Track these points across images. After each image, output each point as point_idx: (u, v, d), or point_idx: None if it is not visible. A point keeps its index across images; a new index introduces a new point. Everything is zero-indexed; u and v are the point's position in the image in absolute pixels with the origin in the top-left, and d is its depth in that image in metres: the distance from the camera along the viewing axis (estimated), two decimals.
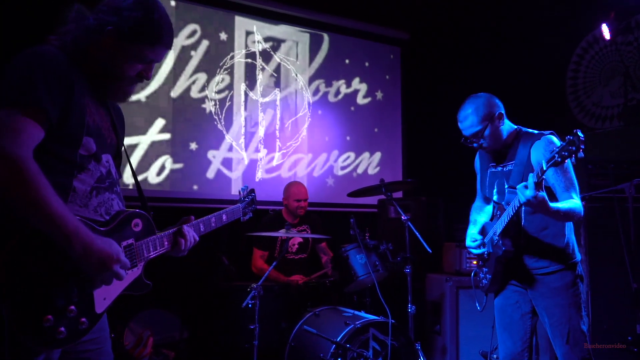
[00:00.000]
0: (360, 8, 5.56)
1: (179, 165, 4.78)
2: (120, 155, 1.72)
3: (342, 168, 5.65)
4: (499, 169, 2.59)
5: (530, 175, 2.17)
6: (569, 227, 2.50)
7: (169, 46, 1.64)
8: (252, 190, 2.31)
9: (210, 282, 4.14)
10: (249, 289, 3.32)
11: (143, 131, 4.61)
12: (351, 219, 3.60)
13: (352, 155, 5.71)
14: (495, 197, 2.60)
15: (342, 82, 5.70)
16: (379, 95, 5.93)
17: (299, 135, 5.43)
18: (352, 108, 5.76)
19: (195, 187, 4.85)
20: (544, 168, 2.10)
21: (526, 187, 2.17)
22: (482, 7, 5.31)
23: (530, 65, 5.36)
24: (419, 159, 6.01)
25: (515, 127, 2.57)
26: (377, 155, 5.86)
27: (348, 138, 5.70)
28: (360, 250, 3.59)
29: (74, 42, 1.53)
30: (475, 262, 4.11)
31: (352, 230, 3.58)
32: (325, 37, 5.64)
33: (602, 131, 4.87)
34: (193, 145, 4.85)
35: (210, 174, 4.93)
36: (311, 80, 5.55)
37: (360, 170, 5.75)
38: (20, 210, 1.33)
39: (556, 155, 2.04)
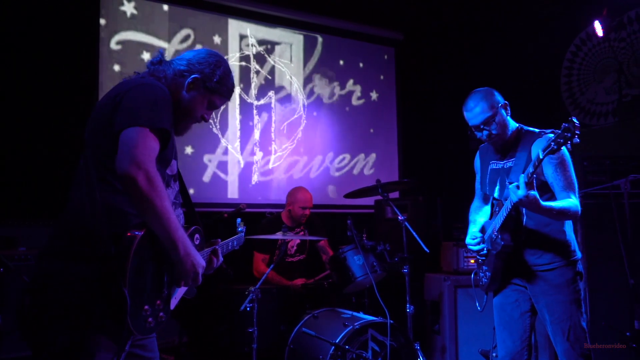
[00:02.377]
0: (353, 9, 5.56)
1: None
2: None
3: (338, 169, 5.65)
4: (500, 165, 2.60)
5: (521, 175, 2.19)
6: (569, 224, 2.51)
7: (230, 99, 2.04)
8: (243, 223, 2.56)
9: (207, 286, 4.12)
10: (246, 292, 3.31)
11: None
12: (348, 220, 3.59)
13: (347, 156, 5.71)
14: (496, 194, 2.59)
15: (336, 83, 5.70)
16: (374, 95, 5.93)
17: (294, 137, 5.43)
18: (347, 109, 5.76)
19: (191, 191, 4.84)
20: (541, 157, 2.10)
21: (518, 187, 2.18)
22: (475, 6, 5.32)
23: (524, 63, 5.37)
24: (415, 159, 6.01)
25: (517, 125, 2.58)
26: (373, 156, 5.86)
27: (343, 139, 5.70)
28: (357, 251, 3.58)
29: (165, 80, 1.81)
30: (472, 261, 4.15)
31: (350, 232, 3.57)
32: (319, 38, 5.64)
33: (598, 128, 4.89)
34: (189, 150, 4.84)
35: (206, 177, 4.92)
36: (306, 82, 5.55)
37: (356, 172, 5.75)
38: (147, 215, 1.54)
39: (552, 144, 2.05)
